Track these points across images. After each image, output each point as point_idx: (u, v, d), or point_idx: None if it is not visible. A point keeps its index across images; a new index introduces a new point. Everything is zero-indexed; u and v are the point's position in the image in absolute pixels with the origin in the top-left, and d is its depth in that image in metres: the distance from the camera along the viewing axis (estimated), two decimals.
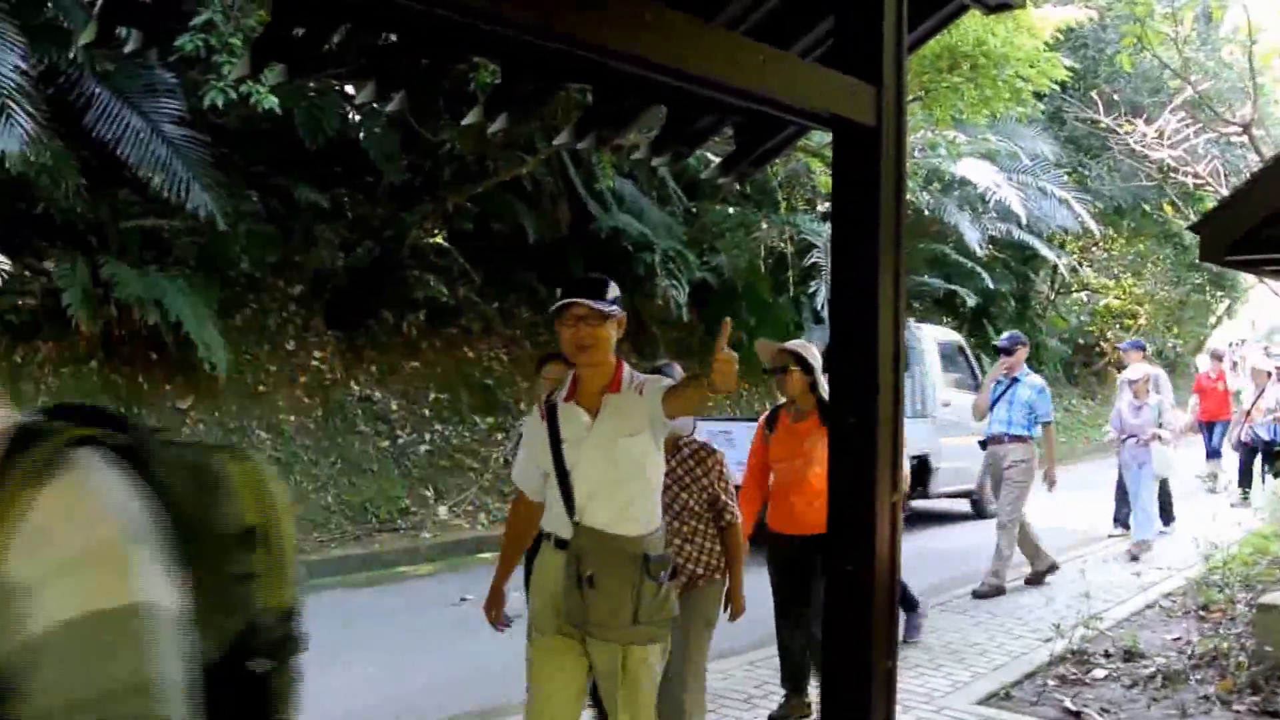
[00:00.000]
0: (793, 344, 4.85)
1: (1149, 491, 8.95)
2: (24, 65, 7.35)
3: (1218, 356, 13.98)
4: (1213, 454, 12.97)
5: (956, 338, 12.72)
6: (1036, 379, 7.75)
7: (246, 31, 7.38)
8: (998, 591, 7.30)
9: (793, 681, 4.80)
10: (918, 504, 10.56)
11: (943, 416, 10.94)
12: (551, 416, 3.09)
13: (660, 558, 3.03)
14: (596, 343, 2.99)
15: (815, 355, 4.71)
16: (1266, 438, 11.42)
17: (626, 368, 3.12)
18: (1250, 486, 11.73)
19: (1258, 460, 11.56)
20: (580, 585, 2.93)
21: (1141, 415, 8.97)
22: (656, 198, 13.97)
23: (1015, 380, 7.60)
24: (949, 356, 11.72)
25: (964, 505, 11.34)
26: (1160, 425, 8.96)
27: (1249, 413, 11.86)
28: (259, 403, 9.56)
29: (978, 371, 11.69)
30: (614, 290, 3.02)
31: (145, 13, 2.85)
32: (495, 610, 3.40)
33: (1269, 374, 11.89)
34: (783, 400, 4.97)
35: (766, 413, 5.12)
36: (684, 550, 3.78)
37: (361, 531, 9.10)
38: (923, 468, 10.36)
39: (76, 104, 8.19)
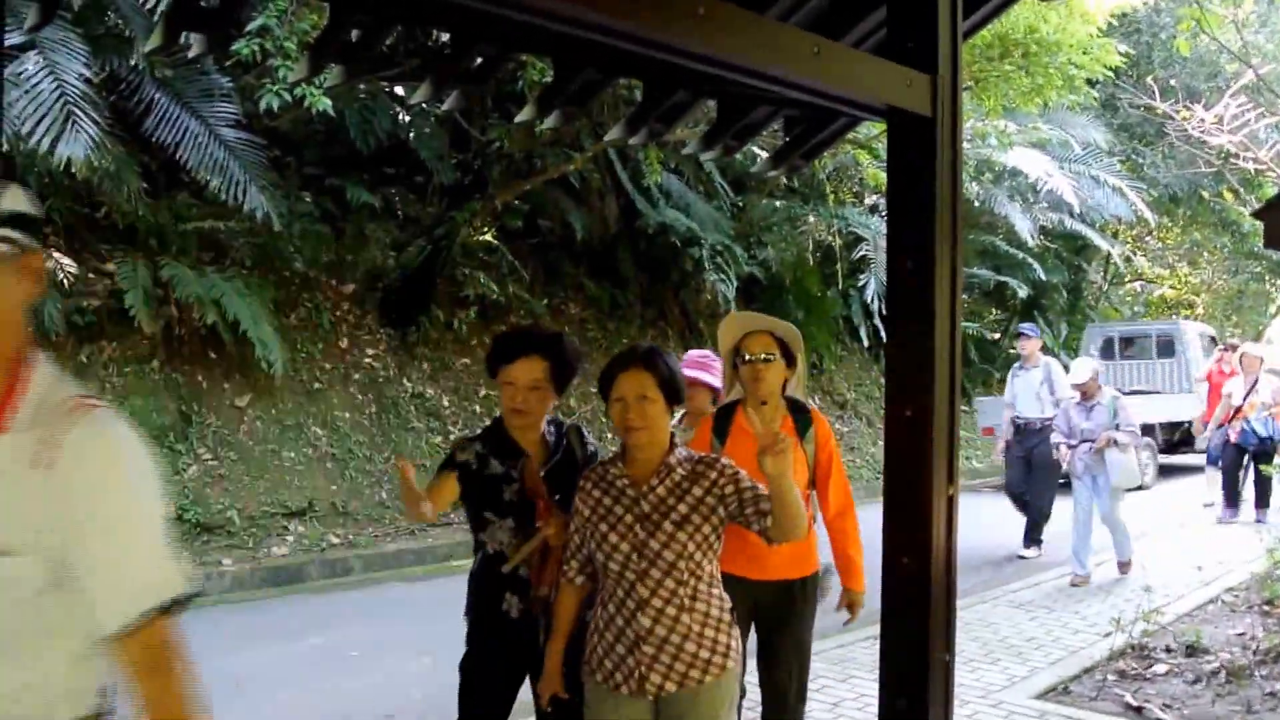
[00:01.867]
0: (772, 323, 3.54)
1: (1114, 504, 7.48)
2: (87, 73, 7.52)
3: (1231, 348, 12.44)
4: (1214, 460, 10.93)
5: (1209, 330, 16.18)
6: None
7: (300, 36, 7.50)
8: None
9: None
10: (1183, 459, 13.85)
11: (1201, 392, 13.18)
12: None
13: None
14: None
15: (800, 341, 3.57)
16: (1264, 433, 9.90)
17: (43, 366, 1.51)
18: (1239, 496, 10.19)
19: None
20: None
21: (1094, 417, 7.44)
22: (703, 193, 13.96)
23: None
24: (1204, 346, 14.55)
25: None
26: (1117, 427, 7.36)
27: (1239, 409, 10.09)
28: (314, 400, 9.71)
29: None
30: (12, 199, 1.45)
31: (208, 18, 2.92)
32: None
33: (1260, 360, 10.29)
34: (735, 398, 3.61)
35: (711, 414, 3.67)
36: (679, 624, 2.51)
37: (416, 526, 9.20)
38: (1190, 430, 13.36)
39: (137, 110, 8.35)
